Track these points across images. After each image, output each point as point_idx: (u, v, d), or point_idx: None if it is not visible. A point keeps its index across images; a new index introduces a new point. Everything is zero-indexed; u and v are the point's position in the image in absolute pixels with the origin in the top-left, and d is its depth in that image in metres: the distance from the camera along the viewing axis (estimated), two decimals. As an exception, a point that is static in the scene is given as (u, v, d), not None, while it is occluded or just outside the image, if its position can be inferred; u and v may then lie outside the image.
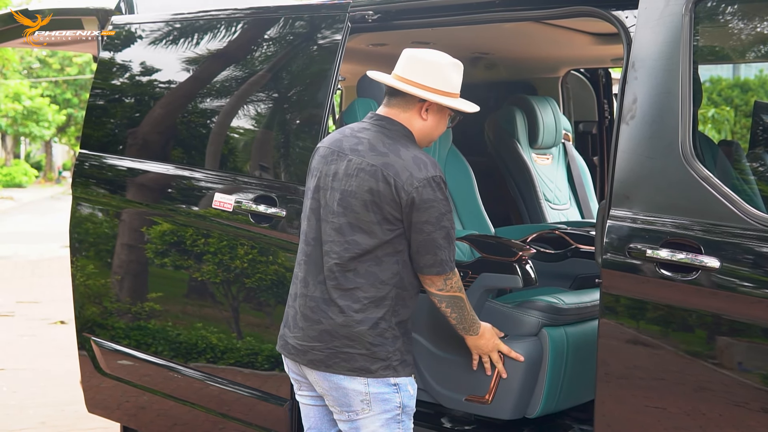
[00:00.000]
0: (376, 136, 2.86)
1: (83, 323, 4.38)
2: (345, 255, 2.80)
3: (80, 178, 4.36)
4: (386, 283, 2.82)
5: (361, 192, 2.79)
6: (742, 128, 15.00)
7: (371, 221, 2.78)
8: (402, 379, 2.85)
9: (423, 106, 2.89)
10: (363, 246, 2.79)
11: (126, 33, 4.36)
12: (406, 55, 2.92)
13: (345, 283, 2.81)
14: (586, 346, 3.62)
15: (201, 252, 3.88)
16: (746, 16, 3.00)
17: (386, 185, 2.77)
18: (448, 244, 2.83)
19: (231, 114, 3.93)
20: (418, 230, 2.79)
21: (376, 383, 2.81)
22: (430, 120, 2.91)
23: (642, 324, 2.82)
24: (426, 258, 2.83)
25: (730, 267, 2.65)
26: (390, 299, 2.82)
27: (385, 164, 2.79)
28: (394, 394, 2.83)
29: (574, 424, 3.67)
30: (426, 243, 2.80)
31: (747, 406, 2.65)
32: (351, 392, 2.81)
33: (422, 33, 4.14)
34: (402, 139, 2.86)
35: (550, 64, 5.23)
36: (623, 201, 2.85)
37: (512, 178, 4.88)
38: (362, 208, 2.79)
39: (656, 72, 2.84)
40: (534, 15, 3.38)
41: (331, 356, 2.82)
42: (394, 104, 2.90)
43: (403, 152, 2.81)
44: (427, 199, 2.77)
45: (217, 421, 3.92)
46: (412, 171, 2.77)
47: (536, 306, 3.55)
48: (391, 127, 2.88)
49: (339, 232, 2.82)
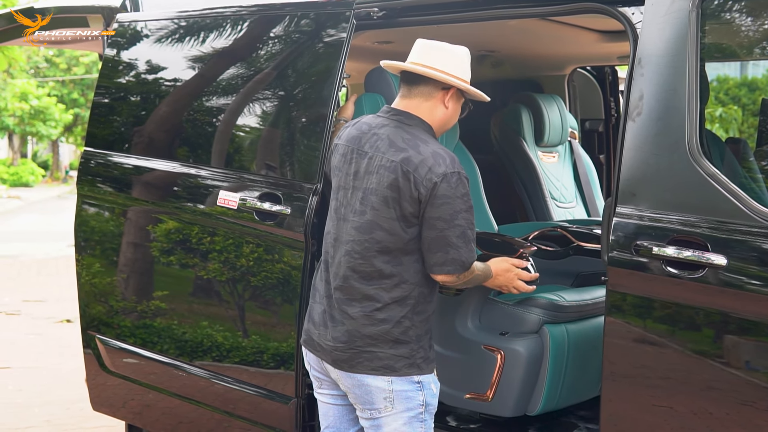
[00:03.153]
0: (395, 132, 2.84)
1: (88, 321, 4.38)
2: (367, 254, 2.79)
3: (85, 176, 4.36)
4: (410, 282, 2.80)
5: (382, 188, 2.77)
6: (750, 127, 14.97)
7: (391, 218, 2.76)
8: (425, 376, 2.83)
9: (447, 93, 2.87)
10: (384, 244, 2.77)
11: (131, 31, 4.36)
12: (422, 43, 2.90)
13: (368, 282, 2.79)
14: (587, 343, 3.62)
15: (207, 250, 3.87)
16: (753, 12, 2.98)
17: (406, 180, 2.74)
18: (464, 243, 2.76)
19: (236, 112, 3.92)
20: (431, 226, 2.75)
21: (399, 381, 2.79)
22: (451, 108, 2.89)
23: (648, 322, 2.80)
24: (436, 256, 2.78)
25: (738, 264, 2.63)
26: (413, 298, 2.80)
27: (404, 159, 2.76)
28: (418, 392, 2.81)
29: (580, 423, 3.66)
30: (437, 240, 2.76)
31: (755, 405, 2.64)
32: (374, 389, 2.80)
33: (428, 30, 4.12)
34: (422, 134, 2.83)
35: (556, 62, 5.22)
36: (629, 198, 2.84)
37: (518, 176, 4.87)
38: (383, 204, 2.77)
39: (663, 69, 2.83)
40: (540, 11, 3.37)
41: (354, 356, 2.81)
42: (416, 94, 2.87)
43: (423, 147, 2.78)
44: (443, 195, 2.72)
45: (223, 420, 3.92)
46: (431, 166, 2.74)
47: (537, 303, 3.56)
48: (410, 121, 2.85)
49: (360, 230, 2.80)
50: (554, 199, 4.82)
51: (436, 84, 2.85)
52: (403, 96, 2.90)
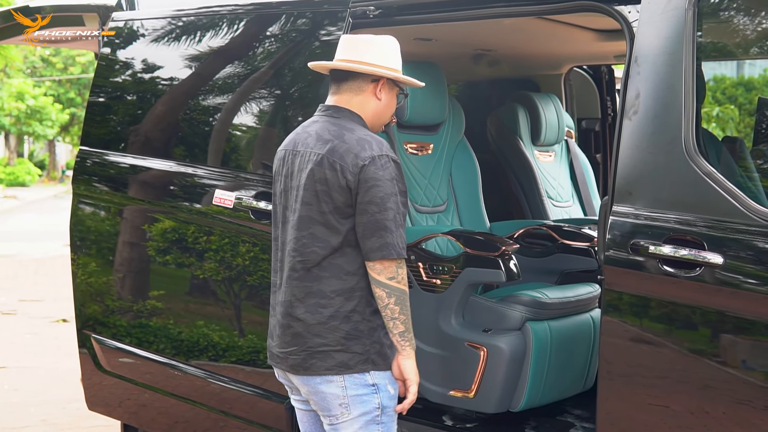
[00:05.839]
0: (322, 126, 2.79)
1: (84, 321, 4.37)
2: (305, 250, 2.72)
3: (81, 175, 4.35)
4: (353, 273, 2.72)
5: (311, 183, 2.72)
6: (746, 127, 14.99)
7: (324, 212, 2.70)
8: (381, 377, 2.75)
9: (377, 85, 2.82)
10: (321, 238, 2.71)
11: (127, 29, 4.35)
12: (347, 38, 2.88)
13: (309, 279, 2.73)
14: (570, 340, 3.65)
15: (203, 249, 3.87)
16: (750, 11, 2.98)
17: (332, 171, 2.68)
18: (395, 227, 2.68)
19: (232, 110, 3.91)
20: (362, 211, 2.67)
21: (354, 385, 2.71)
22: (384, 99, 2.84)
23: (645, 321, 2.80)
24: (371, 241, 2.67)
25: (734, 263, 2.63)
26: (360, 290, 2.72)
27: (330, 150, 2.71)
28: (373, 395, 2.73)
29: (576, 422, 3.66)
30: (370, 224, 2.66)
31: (751, 404, 2.63)
32: (329, 396, 2.73)
33: (424, 29, 4.12)
34: (348, 124, 2.78)
35: (552, 61, 5.21)
36: (626, 197, 2.83)
37: (514, 175, 4.86)
38: (314, 199, 2.71)
39: (659, 67, 2.83)
40: (537, 10, 3.37)
41: (307, 358, 2.73)
42: (346, 89, 2.83)
43: (348, 136, 2.73)
44: (371, 178, 2.66)
45: (218, 419, 3.91)
46: (357, 152, 2.68)
47: (520, 300, 3.58)
48: (338, 114, 2.81)
49: (297, 228, 2.75)
50: (551, 198, 4.82)
51: (365, 77, 2.81)
52: (332, 93, 2.86)
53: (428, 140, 4.20)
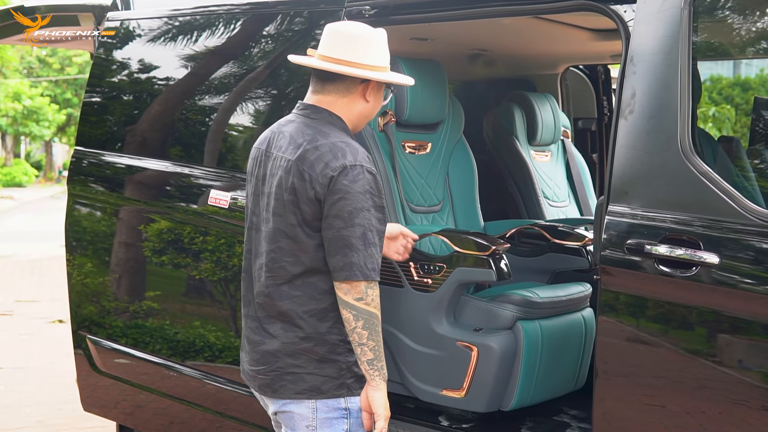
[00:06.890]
0: (297, 128, 2.56)
1: (79, 322, 4.36)
2: (274, 266, 2.51)
3: (77, 175, 4.34)
4: (328, 292, 2.50)
5: (281, 192, 2.50)
6: (743, 127, 15.00)
7: (293, 224, 2.48)
8: (355, 402, 2.54)
9: (367, 87, 2.59)
10: (290, 252, 2.49)
11: (122, 29, 4.34)
12: (332, 31, 2.60)
13: (280, 297, 2.51)
14: (561, 339, 3.65)
15: (199, 250, 3.86)
16: (745, 10, 2.98)
17: (301, 181, 2.46)
18: (363, 246, 2.42)
19: (229, 110, 3.91)
20: (328, 225, 2.44)
21: (325, 408, 2.52)
22: (372, 100, 2.62)
23: (641, 321, 2.80)
24: (336, 259, 2.43)
25: (730, 263, 2.62)
26: (335, 310, 2.50)
27: (300, 158, 2.48)
28: (343, 420, 2.53)
29: (572, 422, 3.66)
30: (335, 241, 2.43)
31: (747, 404, 2.63)
32: (297, 417, 2.54)
33: (420, 29, 4.11)
34: (324, 127, 2.54)
35: (548, 61, 5.21)
36: (622, 197, 2.83)
37: (511, 175, 4.86)
38: (283, 209, 2.49)
39: (655, 66, 2.82)
40: (533, 9, 3.36)
41: (276, 379, 2.54)
42: (331, 90, 2.58)
43: (321, 141, 2.49)
44: (339, 189, 2.42)
45: (214, 420, 3.90)
46: (328, 161, 2.45)
47: (511, 300, 3.58)
48: (316, 115, 2.57)
49: (268, 240, 2.53)
50: (547, 198, 4.81)
51: (354, 79, 2.57)
52: (315, 91, 2.62)
53: (426, 139, 4.19)
